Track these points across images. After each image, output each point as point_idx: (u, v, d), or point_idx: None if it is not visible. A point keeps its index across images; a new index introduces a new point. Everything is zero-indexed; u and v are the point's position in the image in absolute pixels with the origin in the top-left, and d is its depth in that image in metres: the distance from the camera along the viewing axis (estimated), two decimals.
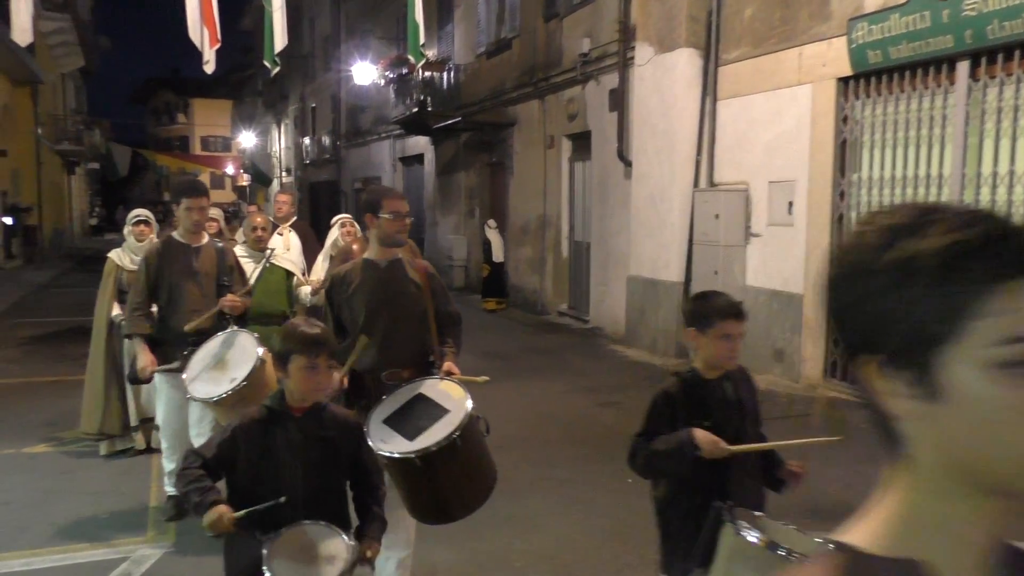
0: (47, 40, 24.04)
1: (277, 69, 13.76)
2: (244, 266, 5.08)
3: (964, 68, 6.54)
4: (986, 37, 6.11)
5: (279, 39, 12.53)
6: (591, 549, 4.30)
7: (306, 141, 31.52)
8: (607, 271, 11.35)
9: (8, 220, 21.03)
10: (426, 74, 16.86)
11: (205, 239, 4.73)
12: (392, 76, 18.81)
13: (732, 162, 9.00)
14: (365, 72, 20.16)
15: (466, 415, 3.00)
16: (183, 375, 4.00)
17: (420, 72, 16.61)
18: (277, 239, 6.55)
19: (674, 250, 9.53)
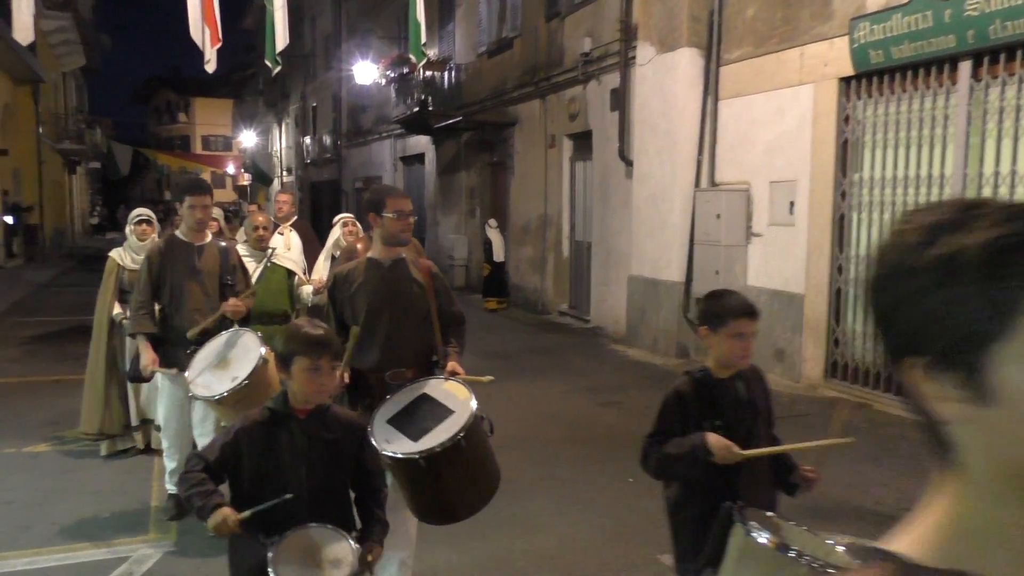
0: (48, 39, 24.06)
1: (278, 68, 13.73)
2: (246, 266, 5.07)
3: (966, 68, 6.54)
4: (988, 37, 6.11)
5: (280, 38, 12.51)
6: (593, 549, 4.30)
7: (307, 140, 31.51)
8: (608, 271, 11.35)
9: (9, 219, 21.02)
10: (427, 73, 16.85)
11: (208, 238, 4.70)
12: (393, 75, 18.80)
13: (733, 162, 9.00)
14: (366, 71, 20.14)
15: (471, 416, 2.98)
16: (185, 373, 4.01)
17: (421, 71, 16.60)
18: (278, 238, 6.56)
19: (675, 250, 9.54)
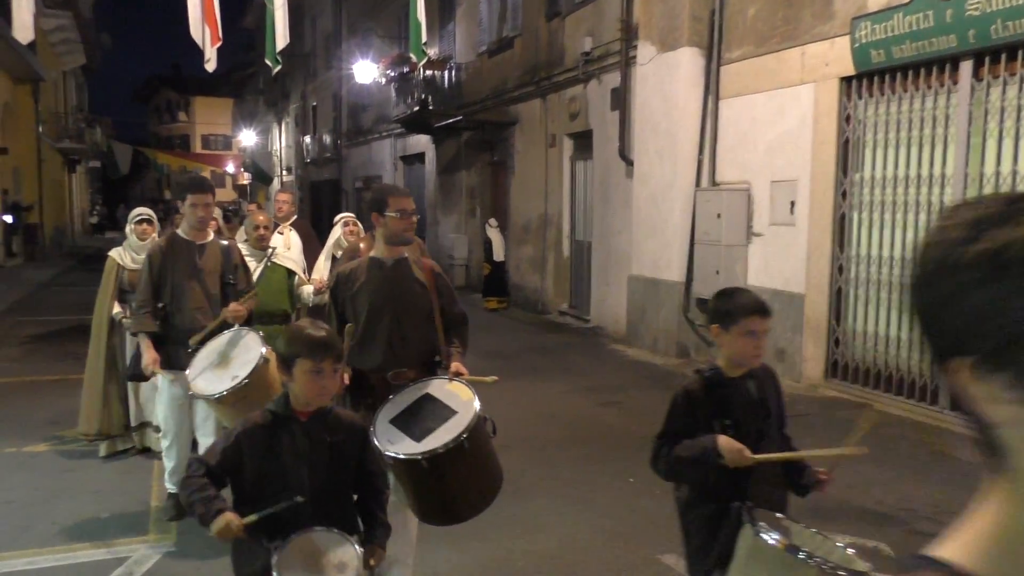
0: (48, 38, 24.05)
1: (278, 67, 13.71)
2: None
3: (967, 68, 6.53)
4: (989, 37, 6.10)
5: (280, 37, 12.50)
6: (593, 549, 4.29)
7: (307, 140, 31.49)
8: (608, 270, 11.35)
9: (9, 218, 21.00)
10: (427, 73, 16.84)
11: (210, 236, 4.66)
12: (393, 75, 18.79)
13: (734, 161, 8.99)
14: (366, 71, 20.14)
15: (474, 417, 2.97)
16: (186, 372, 3.99)
17: (421, 71, 16.60)
18: (277, 238, 6.54)
19: (675, 250, 9.53)
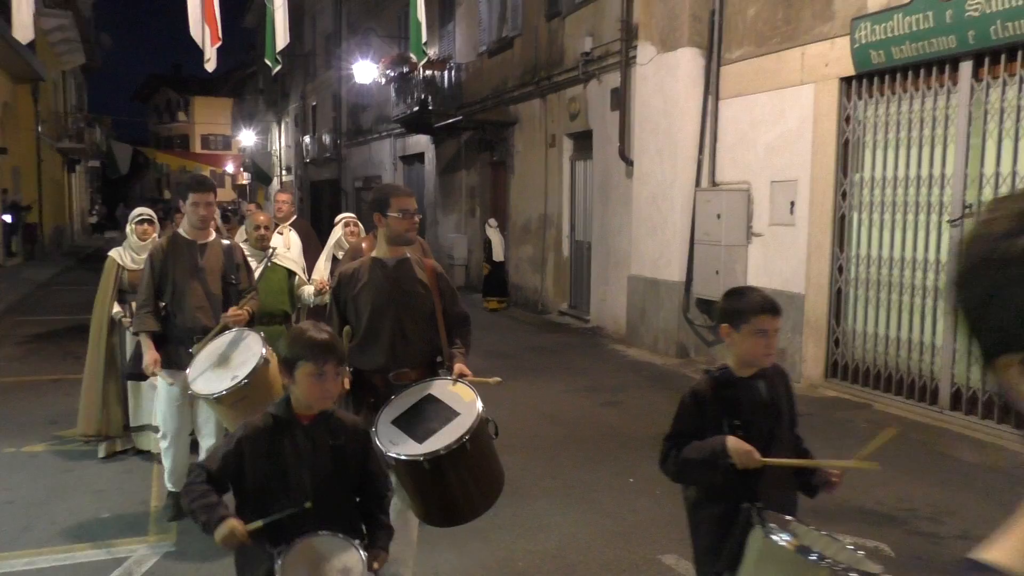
0: (48, 37, 24.02)
1: (278, 67, 13.69)
2: None
3: (967, 68, 6.54)
4: (989, 37, 6.11)
5: (280, 37, 12.49)
6: (594, 549, 4.29)
7: (307, 139, 31.48)
8: (608, 270, 11.35)
9: (8, 218, 20.99)
10: (427, 73, 16.83)
11: (212, 235, 4.63)
12: (393, 75, 18.77)
13: (734, 162, 9.00)
14: (366, 70, 20.12)
15: (477, 418, 2.96)
16: (187, 371, 3.99)
17: (421, 71, 16.59)
18: (277, 238, 6.54)
19: (675, 250, 9.53)
